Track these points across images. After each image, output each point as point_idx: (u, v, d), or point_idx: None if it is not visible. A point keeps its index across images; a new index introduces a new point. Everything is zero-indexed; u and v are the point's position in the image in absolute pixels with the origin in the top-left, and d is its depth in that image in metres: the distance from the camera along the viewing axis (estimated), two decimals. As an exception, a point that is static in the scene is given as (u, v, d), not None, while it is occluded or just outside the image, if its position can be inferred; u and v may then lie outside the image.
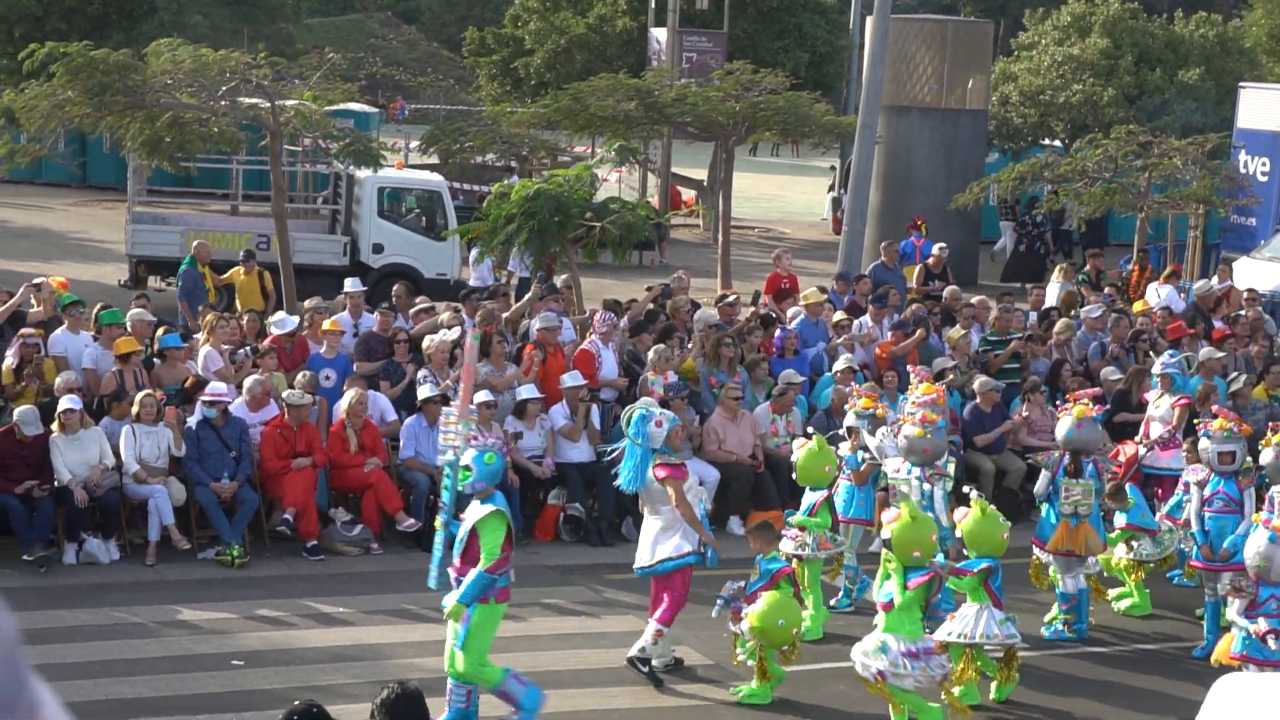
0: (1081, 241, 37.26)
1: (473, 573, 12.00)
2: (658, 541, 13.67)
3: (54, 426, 16.42)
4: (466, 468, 12.30)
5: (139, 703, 12.85)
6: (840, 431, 16.32)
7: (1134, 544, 16.14)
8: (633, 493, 14.24)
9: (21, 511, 16.13)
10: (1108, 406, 17.84)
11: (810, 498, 15.36)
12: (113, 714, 12.60)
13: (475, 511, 12.17)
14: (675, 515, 13.59)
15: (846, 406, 16.86)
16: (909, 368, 17.66)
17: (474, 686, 12.32)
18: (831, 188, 49.39)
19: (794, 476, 15.70)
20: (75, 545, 16.41)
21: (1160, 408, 18.31)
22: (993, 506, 14.00)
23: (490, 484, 12.25)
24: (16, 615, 1.79)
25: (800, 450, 15.39)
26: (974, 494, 14.09)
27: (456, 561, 12.23)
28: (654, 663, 13.81)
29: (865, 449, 15.72)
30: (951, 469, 15.49)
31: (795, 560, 14.76)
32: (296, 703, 8.58)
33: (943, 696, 12.56)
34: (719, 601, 13.45)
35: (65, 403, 16.50)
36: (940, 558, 13.03)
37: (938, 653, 12.26)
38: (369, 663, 13.93)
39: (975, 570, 13.50)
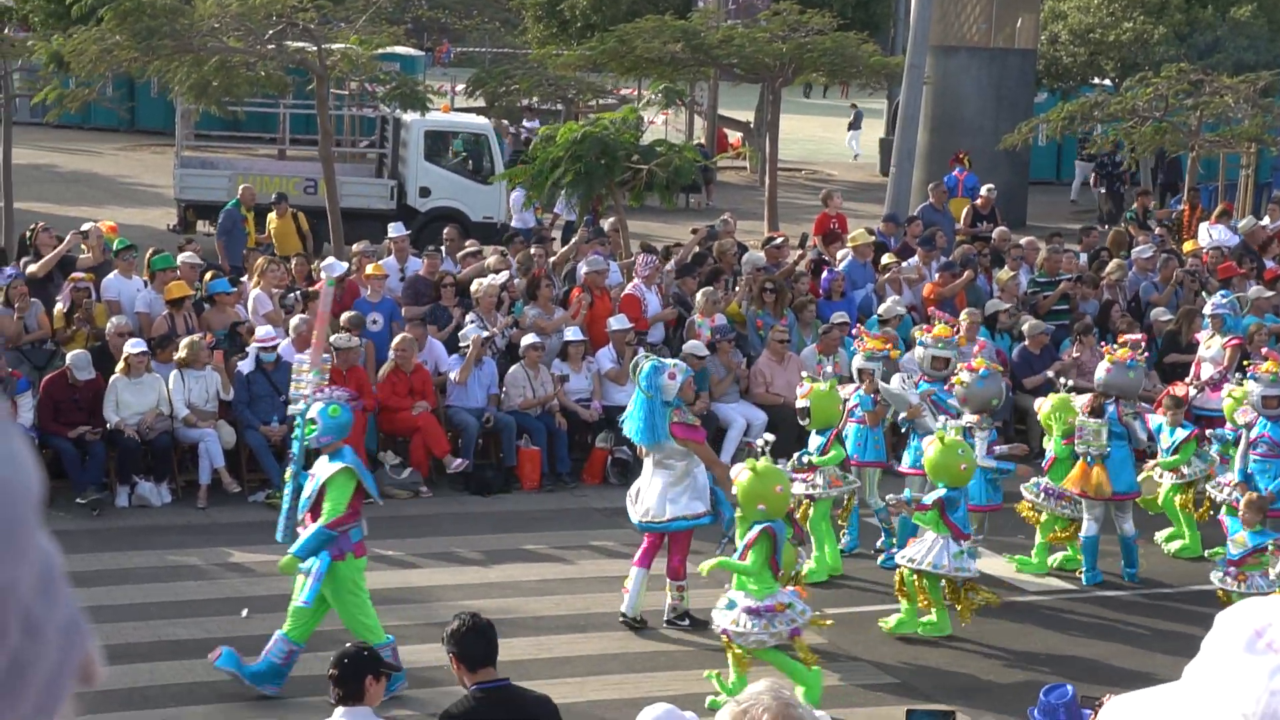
0: (1161, 181, 36.80)
1: (313, 527, 11.84)
2: (668, 497, 13.53)
3: (118, 369, 16.55)
4: (312, 421, 12.09)
5: (191, 643, 12.99)
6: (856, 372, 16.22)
7: (1185, 470, 15.99)
8: (644, 445, 13.84)
9: (74, 455, 16.27)
10: (1145, 354, 17.44)
11: (818, 438, 15.20)
12: (165, 655, 12.74)
13: (324, 468, 11.95)
14: (686, 470, 13.46)
15: (854, 347, 16.80)
16: (932, 311, 17.57)
17: (298, 648, 12.12)
18: (853, 124, 49.10)
19: (802, 420, 15.35)
20: (127, 488, 16.56)
21: (1211, 348, 18.19)
22: (956, 436, 13.88)
23: (336, 438, 11.98)
24: (69, 558, 1.81)
25: (806, 394, 15.16)
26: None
27: (304, 516, 12.03)
28: (682, 610, 13.76)
29: (876, 391, 15.64)
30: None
31: (806, 500, 14.70)
32: (348, 644, 8.65)
33: (797, 651, 12.24)
34: (723, 540, 13.49)
35: (131, 345, 16.62)
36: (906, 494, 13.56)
37: (780, 610, 11.93)
38: (419, 604, 14.02)
39: (932, 503, 13.50)
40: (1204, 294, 21.08)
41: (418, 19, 41.81)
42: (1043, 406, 15.97)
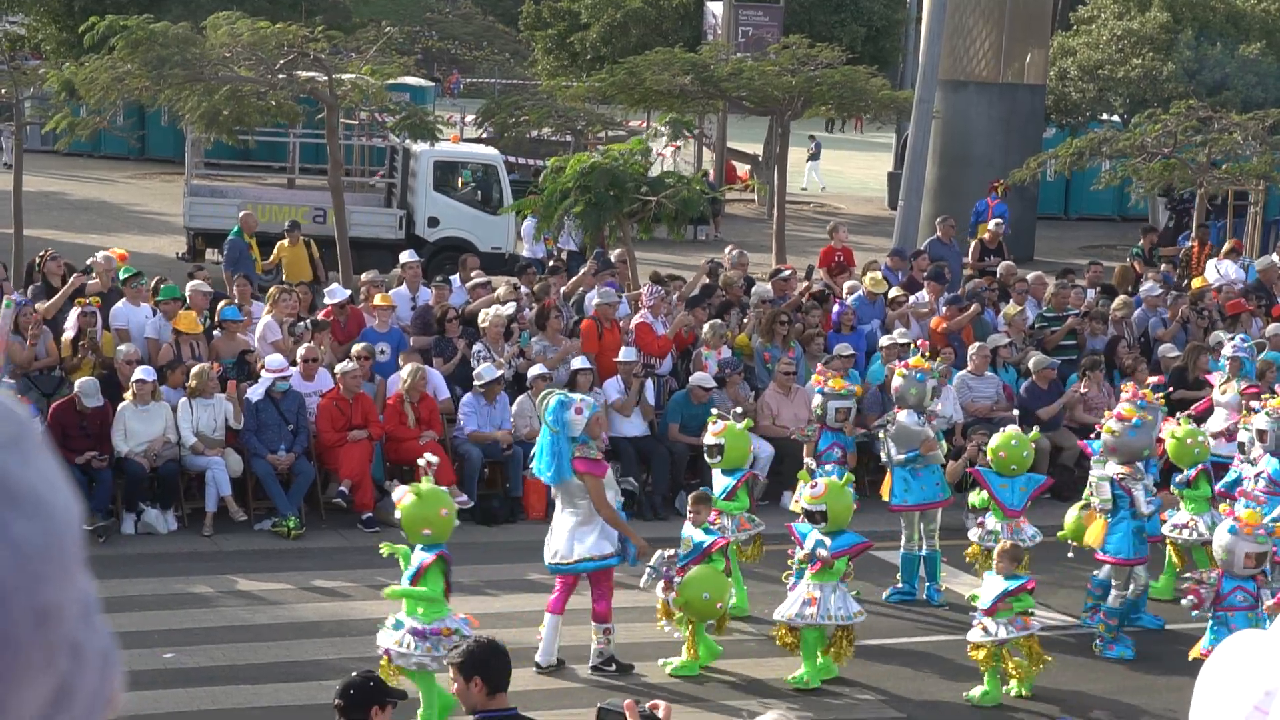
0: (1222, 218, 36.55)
1: None
2: (575, 537, 13.28)
3: (127, 396, 16.59)
4: None
5: (196, 671, 12.98)
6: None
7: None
8: (551, 484, 13.62)
9: (81, 481, 16.28)
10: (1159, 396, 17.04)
11: (723, 481, 14.95)
12: (170, 683, 12.72)
13: None
14: (592, 510, 13.22)
15: (812, 384, 16.72)
16: (919, 342, 17.52)
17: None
18: (812, 155, 48.16)
19: (712, 459, 15.02)
20: (134, 515, 16.58)
21: (1228, 394, 18.02)
22: (839, 479, 13.74)
23: None
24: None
25: (720, 431, 14.85)
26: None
27: None
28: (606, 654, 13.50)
29: (864, 428, 15.59)
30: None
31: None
32: (354, 674, 8.64)
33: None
34: (649, 571, 13.45)
35: (139, 373, 16.66)
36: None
37: (446, 635, 11.70)
38: (423, 634, 13.98)
39: (855, 547, 13.29)
40: (1218, 331, 21.04)
41: (428, 50, 41.95)
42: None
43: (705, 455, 15.31)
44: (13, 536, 1.26)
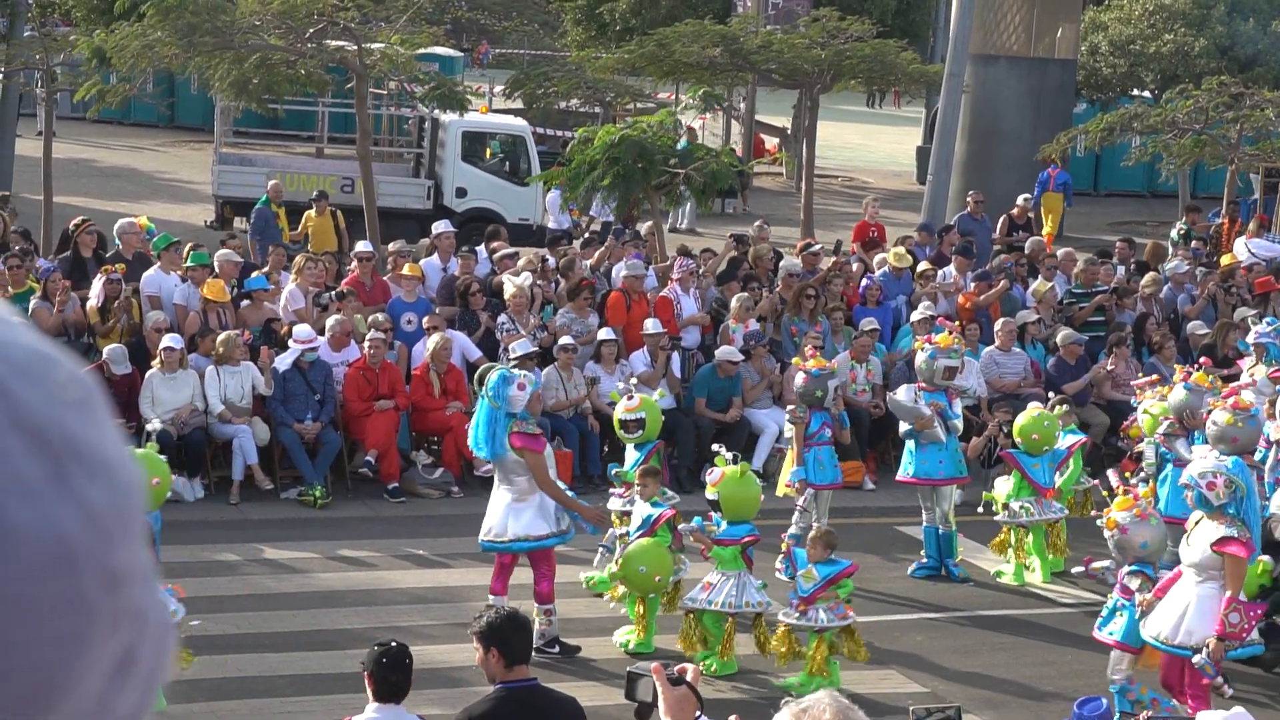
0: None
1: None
2: (510, 515, 12.96)
3: (155, 363, 16.63)
4: None
5: (222, 639, 13.03)
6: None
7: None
8: (487, 459, 13.38)
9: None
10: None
11: (635, 453, 14.80)
12: (196, 649, 12.76)
13: None
14: (529, 487, 12.89)
15: (792, 363, 16.61)
16: (940, 320, 17.42)
17: None
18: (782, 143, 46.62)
19: (633, 433, 14.86)
20: (161, 483, 16.60)
21: (1257, 377, 17.92)
22: (751, 470, 13.53)
23: None
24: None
25: (637, 405, 14.71)
26: (724, 454, 13.45)
27: None
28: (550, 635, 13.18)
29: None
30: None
31: (624, 516, 13.95)
32: (379, 644, 8.67)
33: None
34: (600, 550, 13.36)
35: (166, 340, 16.70)
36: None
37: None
38: (449, 604, 14.04)
39: (740, 540, 13.03)
40: (1243, 309, 20.95)
41: (457, 20, 41.87)
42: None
43: (621, 431, 14.99)
44: (84, 497, 1.26)
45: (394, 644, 8.49)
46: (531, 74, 32.01)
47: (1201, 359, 16.79)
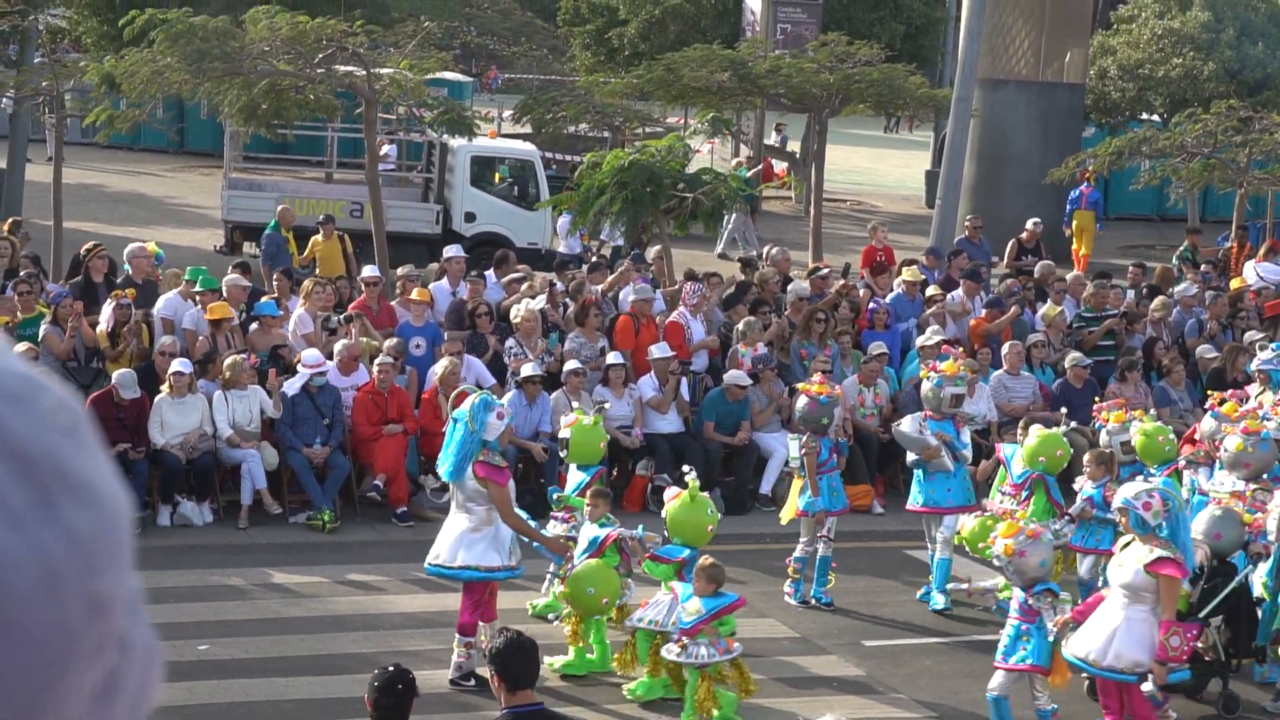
0: None
1: None
2: (463, 543, 12.77)
3: (164, 388, 16.66)
4: None
5: (230, 664, 13.02)
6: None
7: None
8: (448, 480, 13.10)
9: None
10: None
11: (578, 476, 14.65)
12: (204, 674, 12.77)
13: None
14: (488, 518, 12.73)
15: (797, 388, 16.56)
16: (945, 348, 17.32)
17: None
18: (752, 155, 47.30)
19: (562, 454, 14.90)
20: (169, 507, 16.64)
21: (1263, 406, 17.87)
22: (705, 494, 13.43)
23: None
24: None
25: (570, 424, 14.63)
26: (691, 476, 13.30)
27: None
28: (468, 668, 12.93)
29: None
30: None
31: (569, 540, 13.73)
32: (387, 667, 8.65)
33: None
34: (549, 576, 13.30)
35: (176, 365, 16.73)
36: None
37: None
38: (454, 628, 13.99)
39: (674, 559, 12.94)
40: (1251, 332, 20.92)
41: (466, 45, 41.98)
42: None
43: (562, 453, 15.00)
44: (69, 524, 1.27)
45: (391, 668, 8.46)
46: (540, 99, 32.12)
47: (1230, 391, 16.64)
